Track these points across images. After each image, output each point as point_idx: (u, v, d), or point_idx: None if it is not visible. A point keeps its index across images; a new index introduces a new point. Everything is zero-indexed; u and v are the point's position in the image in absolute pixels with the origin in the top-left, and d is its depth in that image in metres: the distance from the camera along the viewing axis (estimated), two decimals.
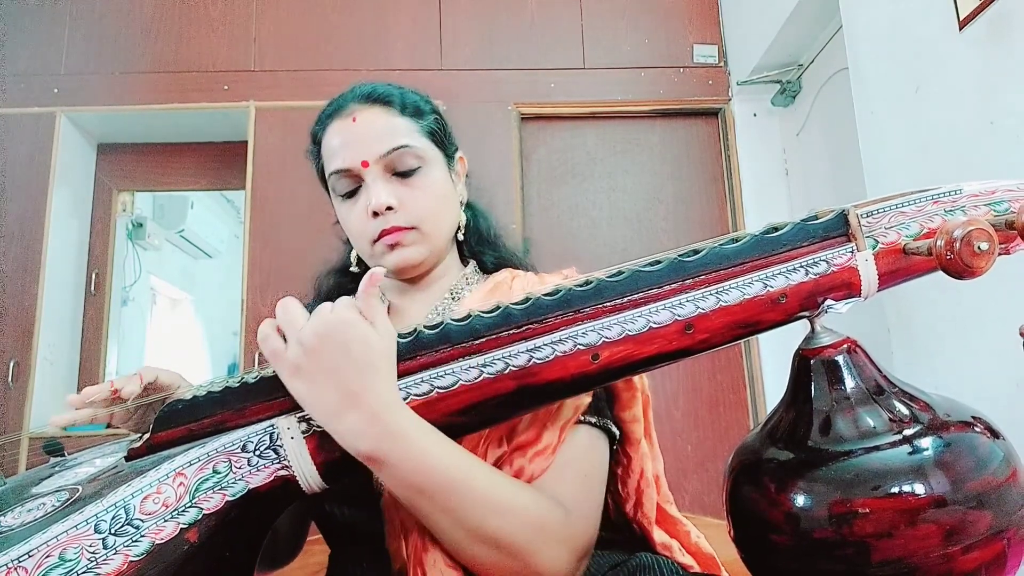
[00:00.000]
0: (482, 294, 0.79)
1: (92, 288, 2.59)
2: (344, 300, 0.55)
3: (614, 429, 0.70)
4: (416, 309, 0.83)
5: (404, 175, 0.78)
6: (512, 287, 0.80)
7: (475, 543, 0.55)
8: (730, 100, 2.58)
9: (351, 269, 0.88)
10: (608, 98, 2.55)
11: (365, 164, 0.76)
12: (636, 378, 0.72)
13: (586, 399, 0.66)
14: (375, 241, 0.78)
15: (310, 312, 0.88)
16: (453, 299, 0.82)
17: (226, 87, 2.47)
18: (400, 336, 0.56)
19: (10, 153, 2.39)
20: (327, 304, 0.55)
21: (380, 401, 0.52)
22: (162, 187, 2.85)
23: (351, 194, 0.79)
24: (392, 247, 0.78)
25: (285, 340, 0.54)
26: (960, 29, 1.34)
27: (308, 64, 2.51)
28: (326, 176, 0.81)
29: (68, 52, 2.49)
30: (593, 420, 0.67)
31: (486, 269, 0.89)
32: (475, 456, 0.58)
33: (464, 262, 0.89)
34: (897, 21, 1.55)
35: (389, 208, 0.76)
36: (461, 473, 0.54)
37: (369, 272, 0.55)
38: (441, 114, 0.85)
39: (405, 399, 0.54)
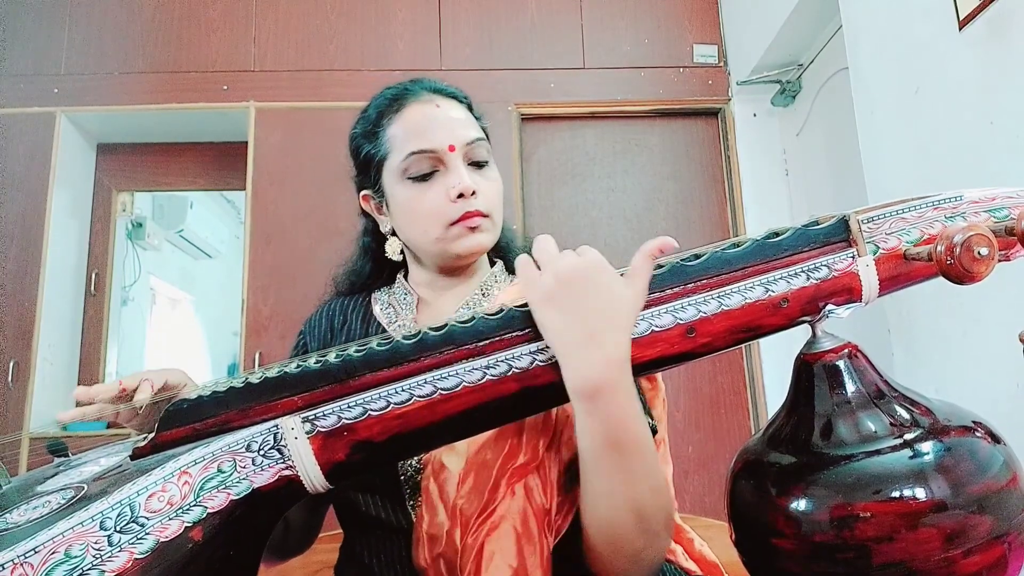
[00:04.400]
0: (512, 293, 0.80)
1: (92, 288, 2.59)
2: (593, 250, 0.57)
3: (658, 427, 0.71)
4: (447, 303, 0.85)
5: (479, 165, 0.82)
6: None
7: (628, 512, 0.57)
8: (730, 100, 2.58)
9: (394, 258, 0.88)
10: (608, 98, 2.55)
11: (452, 148, 0.79)
12: (659, 378, 0.73)
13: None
14: (453, 223, 0.79)
15: (329, 311, 0.89)
16: (484, 296, 0.84)
17: (226, 87, 2.47)
18: (403, 338, 0.56)
19: (10, 153, 2.39)
20: (571, 251, 0.57)
21: (615, 347, 0.53)
22: (162, 187, 2.85)
23: (425, 177, 0.80)
24: (472, 229, 0.80)
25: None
26: (960, 29, 1.34)
27: (308, 64, 2.51)
28: (395, 159, 0.81)
29: (68, 52, 2.49)
30: (650, 421, 0.69)
31: (511, 270, 0.90)
32: None
33: (491, 262, 0.91)
34: (897, 21, 1.55)
35: (473, 193, 0.79)
36: (647, 444, 0.57)
37: (662, 238, 0.55)
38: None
39: (408, 400, 0.54)
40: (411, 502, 0.71)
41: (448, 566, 0.63)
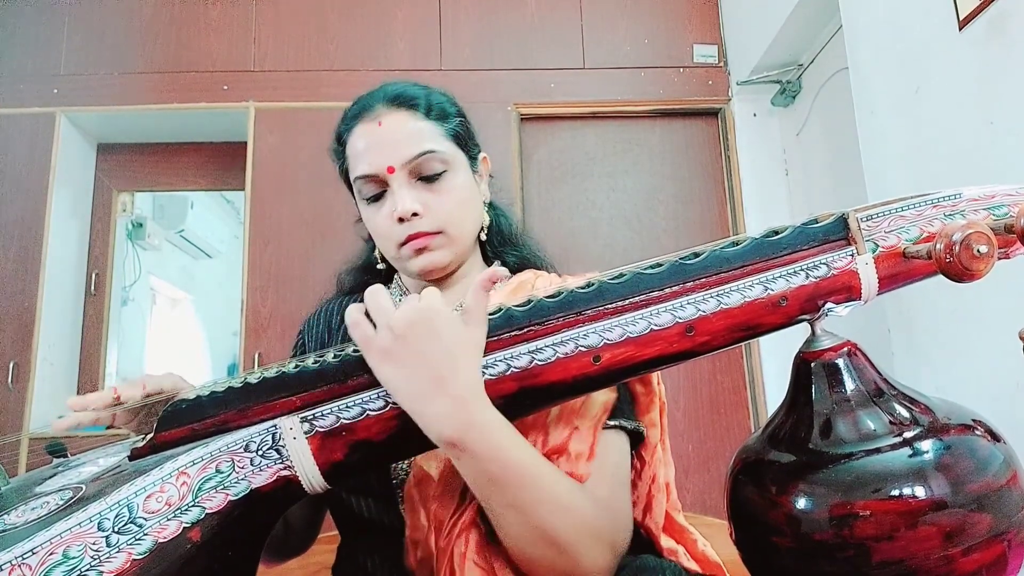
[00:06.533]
0: (505, 294, 0.79)
1: (92, 288, 2.59)
2: (433, 290, 0.56)
3: (643, 431, 0.70)
4: None
5: (429, 179, 0.78)
6: (535, 287, 0.80)
7: (535, 540, 0.56)
8: (730, 100, 2.58)
9: (377, 267, 0.89)
10: (608, 98, 2.55)
11: (391, 170, 0.76)
12: (655, 383, 0.72)
13: (613, 397, 0.67)
14: (401, 245, 0.79)
15: (328, 311, 0.89)
16: None
17: (226, 87, 2.47)
18: None
19: (10, 153, 2.39)
20: (416, 295, 0.56)
21: (466, 389, 0.53)
22: (162, 187, 2.85)
23: (376, 198, 0.79)
24: (419, 252, 0.78)
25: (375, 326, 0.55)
26: (960, 29, 1.34)
27: (308, 64, 2.51)
28: (351, 179, 0.82)
29: (68, 52, 2.49)
30: (625, 424, 0.67)
31: (509, 269, 0.89)
32: (541, 455, 0.59)
33: (488, 262, 0.90)
34: (897, 21, 1.55)
35: (415, 214, 0.77)
36: (532, 469, 0.55)
37: (493, 268, 0.55)
38: (465, 115, 0.85)
39: None
40: (402, 505, 0.71)
41: (429, 570, 0.64)
